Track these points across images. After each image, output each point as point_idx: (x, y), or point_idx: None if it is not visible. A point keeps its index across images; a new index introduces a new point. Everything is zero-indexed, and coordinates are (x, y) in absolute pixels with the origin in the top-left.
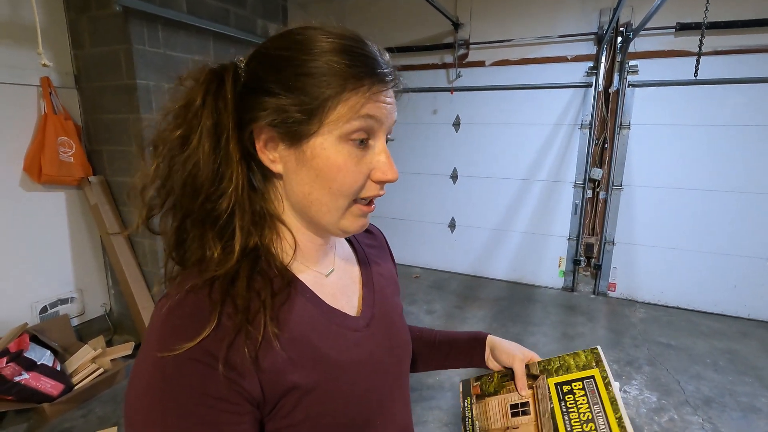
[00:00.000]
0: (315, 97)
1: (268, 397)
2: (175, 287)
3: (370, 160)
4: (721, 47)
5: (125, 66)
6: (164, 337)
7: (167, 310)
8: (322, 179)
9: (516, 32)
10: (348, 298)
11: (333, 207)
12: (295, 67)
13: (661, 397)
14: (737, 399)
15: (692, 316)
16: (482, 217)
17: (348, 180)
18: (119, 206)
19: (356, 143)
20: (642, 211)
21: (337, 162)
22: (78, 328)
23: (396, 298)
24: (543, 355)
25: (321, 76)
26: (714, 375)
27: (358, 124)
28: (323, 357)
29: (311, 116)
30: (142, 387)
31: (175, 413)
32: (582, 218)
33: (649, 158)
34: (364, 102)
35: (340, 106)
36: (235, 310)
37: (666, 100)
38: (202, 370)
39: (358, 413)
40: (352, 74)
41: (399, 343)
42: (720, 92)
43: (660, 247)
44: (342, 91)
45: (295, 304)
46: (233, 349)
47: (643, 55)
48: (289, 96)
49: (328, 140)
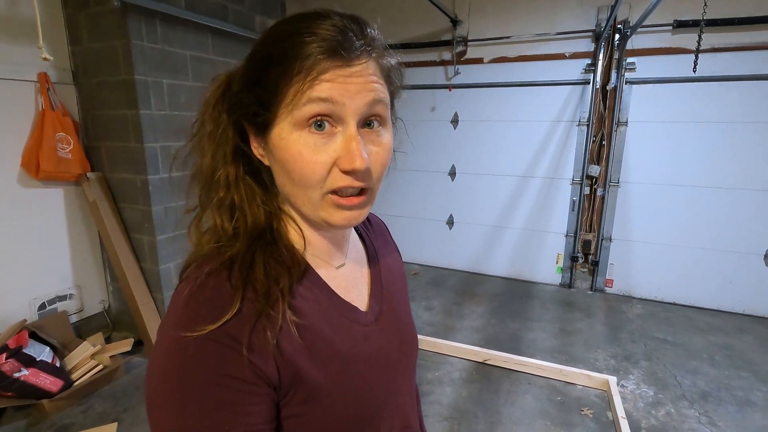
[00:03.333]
0: (267, 84)
1: (284, 382)
2: (194, 270)
3: (336, 147)
4: (718, 45)
5: (123, 62)
6: (186, 318)
7: (188, 292)
8: (286, 170)
9: (514, 29)
10: (359, 292)
11: (306, 199)
12: (256, 59)
13: (658, 391)
14: (733, 393)
15: (689, 312)
16: (480, 214)
17: (306, 170)
18: (118, 203)
19: (314, 130)
20: (639, 207)
21: (292, 151)
22: (76, 325)
23: (404, 293)
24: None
25: (272, 63)
26: (710, 369)
27: (309, 108)
28: (335, 349)
29: (266, 105)
30: (162, 366)
31: (195, 392)
32: (579, 215)
33: (647, 155)
34: (311, 83)
35: (290, 91)
36: (255, 294)
37: (663, 97)
38: (222, 351)
39: (366, 407)
40: (297, 54)
41: (406, 338)
42: (717, 89)
43: (657, 244)
44: (288, 74)
45: (310, 294)
46: (254, 332)
47: (641, 53)
48: (251, 88)
49: (285, 129)
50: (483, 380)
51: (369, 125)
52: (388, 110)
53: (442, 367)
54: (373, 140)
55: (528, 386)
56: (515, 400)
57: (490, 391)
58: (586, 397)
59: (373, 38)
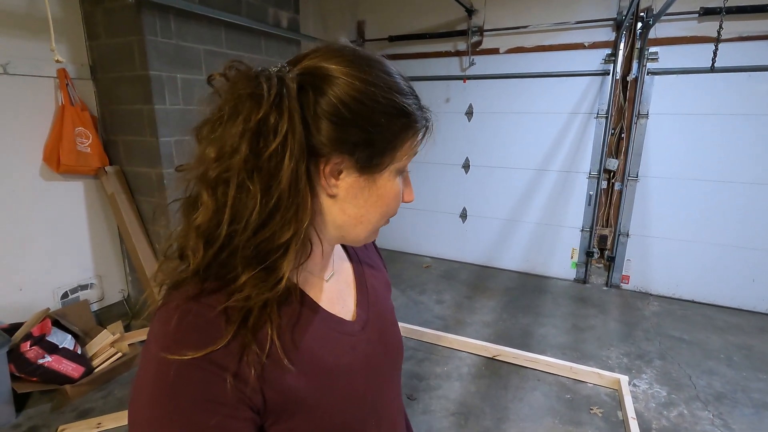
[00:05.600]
0: (394, 134)
1: (270, 405)
2: (182, 293)
3: (402, 187)
4: (747, 33)
5: (138, 57)
6: (171, 341)
7: (179, 316)
8: (381, 204)
9: (531, 18)
10: (344, 302)
11: (377, 226)
12: (384, 105)
13: (671, 391)
14: (750, 395)
15: (707, 310)
16: (494, 207)
17: (396, 205)
18: (135, 195)
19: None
20: (658, 202)
21: (395, 192)
22: (97, 313)
23: (388, 299)
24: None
25: (402, 116)
26: (727, 370)
27: (407, 161)
28: (322, 364)
29: (389, 152)
30: (145, 389)
31: (178, 415)
32: (596, 209)
33: (668, 149)
34: (416, 143)
35: (406, 145)
36: (245, 325)
37: (687, 88)
38: (205, 377)
39: (354, 415)
40: (415, 117)
41: (392, 344)
42: (745, 80)
43: (676, 240)
44: (408, 132)
45: (297, 313)
46: (241, 361)
47: (664, 42)
48: (377, 132)
49: (392, 173)
50: (492, 376)
51: None
52: None
53: (451, 361)
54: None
55: (537, 383)
56: (524, 396)
57: (498, 387)
58: (596, 396)
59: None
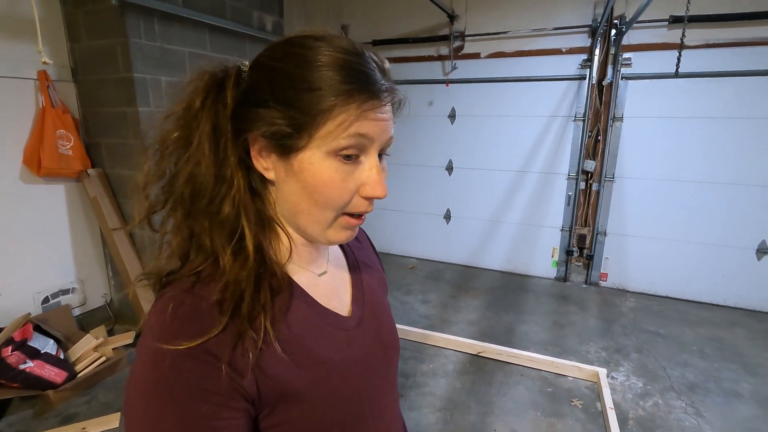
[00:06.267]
0: (305, 111)
1: (264, 396)
2: (178, 285)
3: (360, 176)
4: (714, 40)
5: (122, 59)
6: (164, 333)
7: (173, 306)
8: (309, 192)
9: (511, 24)
10: (339, 298)
11: (320, 218)
12: (289, 79)
13: (647, 383)
14: (721, 384)
15: (681, 306)
16: (477, 208)
17: (333, 195)
18: (118, 198)
19: (344, 159)
20: (633, 202)
21: (323, 177)
22: (79, 318)
23: (384, 297)
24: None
25: (312, 90)
26: (700, 362)
27: (346, 142)
28: (317, 357)
29: (300, 131)
30: (140, 378)
31: (172, 405)
32: (575, 209)
33: (641, 150)
34: (353, 120)
35: (329, 122)
36: (238, 314)
37: (659, 92)
38: (199, 367)
39: (349, 411)
40: (343, 90)
41: (388, 341)
42: (713, 85)
43: (651, 238)
44: (332, 108)
45: (292, 305)
46: (235, 350)
47: (637, 48)
48: (281, 109)
49: (315, 155)
50: (477, 372)
51: (380, 156)
52: None
53: (437, 359)
54: (382, 169)
55: (520, 378)
56: (507, 391)
57: (483, 383)
58: (577, 389)
59: (391, 77)
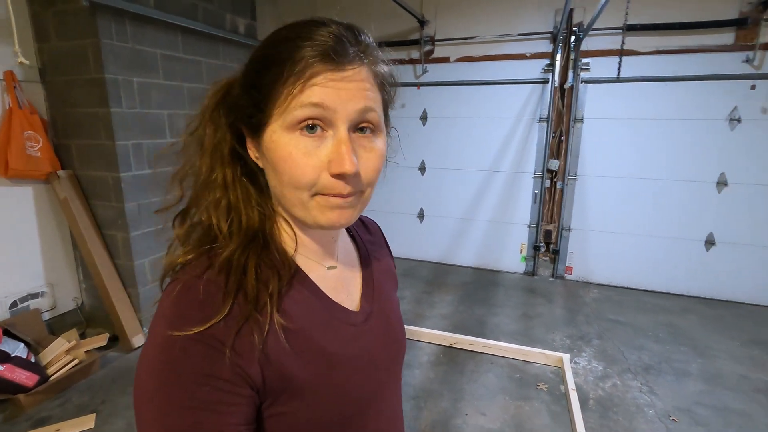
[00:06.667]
0: (261, 87)
1: (268, 385)
2: (188, 270)
3: (326, 151)
4: (664, 47)
5: (93, 60)
6: (174, 318)
7: (180, 291)
8: (277, 172)
9: (479, 30)
10: (348, 293)
11: (296, 200)
12: (253, 62)
13: (606, 366)
14: (672, 365)
15: (640, 295)
16: (449, 207)
17: (296, 172)
18: (90, 201)
19: (306, 132)
20: (595, 199)
21: (283, 153)
22: (49, 323)
23: (393, 294)
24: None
25: (266, 66)
26: (654, 346)
27: (300, 113)
28: (322, 350)
29: (259, 107)
30: (150, 362)
31: (179, 389)
32: (541, 207)
33: (601, 150)
34: (302, 87)
35: (282, 94)
36: (245, 299)
37: (616, 95)
38: (207, 352)
39: (352, 406)
40: (290, 58)
41: (395, 338)
42: (665, 89)
43: (611, 233)
44: (285, 79)
45: (299, 296)
46: (240, 336)
47: (595, 54)
48: (248, 91)
49: (276, 131)
50: (449, 362)
51: (362, 131)
52: (380, 118)
53: (411, 351)
54: (365, 146)
55: (490, 366)
56: (478, 378)
57: (455, 372)
58: (543, 374)
59: (367, 45)
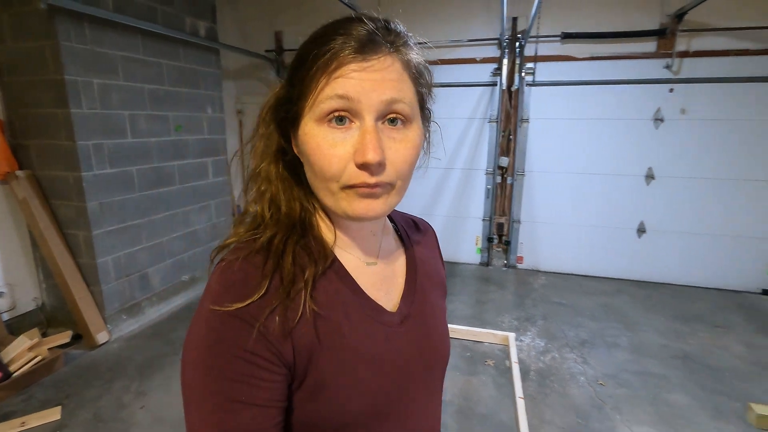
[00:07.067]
0: (295, 82)
1: (298, 366)
2: (233, 252)
3: (353, 142)
4: (598, 54)
5: (52, 62)
6: (217, 294)
7: (223, 270)
8: (309, 163)
9: (432, 35)
10: (387, 291)
11: (326, 191)
12: (293, 61)
13: (548, 342)
14: (605, 339)
15: (581, 280)
16: (410, 204)
17: (324, 163)
18: (50, 200)
19: (334, 125)
20: (541, 193)
21: (313, 145)
22: (9, 323)
23: (439, 301)
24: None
25: (301, 62)
26: (591, 323)
27: (327, 105)
28: (349, 343)
29: (294, 102)
30: (195, 334)
31: (219, 360)
32: (493, 201)
33: (545, 148)
34: (327, 80)
35: (312, 87)
36: (281, 282)
37: (557, 97)
38: (243, 327)
39: (370, 406)
40: (319, 53)
41: (433, 346)
42: (599, 91)
43: (556, 224)
44: (310, 72)
45: (334, 287)
46: (274, 315)
47: (538, 59)
48: (288, 88)
49: (308, 124)
50: None
51: (392, 122)
52: (412, 109)
53: None
54: (394, 137)
55: None
56: None
57: None
58: (491, 352)
59: (397, 37)
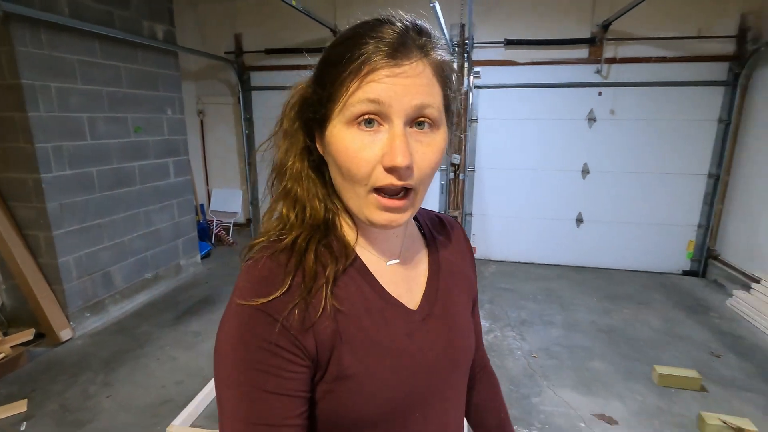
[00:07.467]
0: (325, 84)
1: (321, 359)
2: (260, 250)
3: (381, 145)
4: (537, 59)
5: (7, 67)
6: (244, 290)
7: (249, 267)
8: (337, 165)
9: None
10: (409, 289)
11: (353, 194)
12: (321, 62)
13: (492, 323)
14: (543, 318)
15: (528, 268)
16: None
17: (351, 165)
18: (9, 203)
19: (363, 127)
20: (490, 188)
21: (340, 147)
22: None
23: (464, 299)
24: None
25: (331, 64)
26: (532, 305)
27: (357, 108)
28: (371, 339)
29: (323, 103)
30: (226, 328)
31: (246, 351)
32: (447, 196)
33: (493, 146)
34: (362, 84)
35: (344, 91)
36: (303, 279)
37: (502, 99)
38: (268, 321)
39: (392, 402)
40: (351, 56)
41: (456, 344)
42: (539, 93)
43: (504, 216)
44: (346, 76)
45: (355, 284)
46: (297, 310)
47: (485, 63)
48: (315, 89)
49: (337, 126)
50: None
51: (419, 125)
52: (440, 113)
53: None
54: (422, 140)
55: None
56: None
57: None
58: None
59: (428, 40)
